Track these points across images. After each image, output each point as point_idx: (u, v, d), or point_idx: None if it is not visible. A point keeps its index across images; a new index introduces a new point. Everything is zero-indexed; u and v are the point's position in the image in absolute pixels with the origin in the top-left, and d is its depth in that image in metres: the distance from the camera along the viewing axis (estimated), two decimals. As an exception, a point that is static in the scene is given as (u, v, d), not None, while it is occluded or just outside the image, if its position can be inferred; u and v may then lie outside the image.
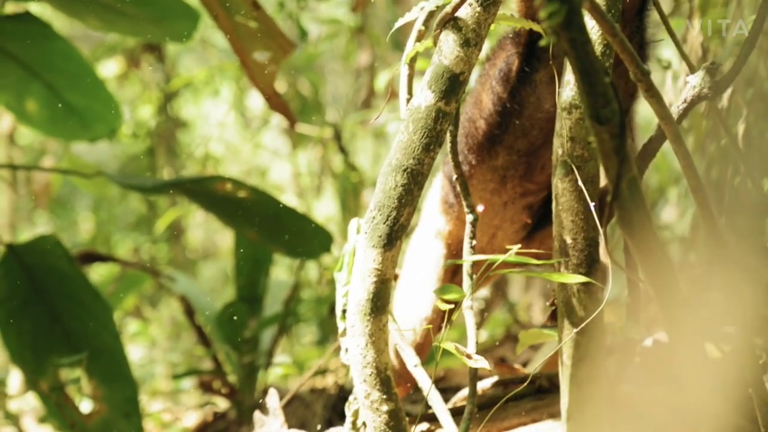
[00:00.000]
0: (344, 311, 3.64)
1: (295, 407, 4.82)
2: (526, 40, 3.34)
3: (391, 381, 3.09)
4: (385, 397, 3.08)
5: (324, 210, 8.13)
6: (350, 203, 6.46)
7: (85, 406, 4.88)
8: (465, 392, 3.79)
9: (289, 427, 3.87)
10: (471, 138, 3.50)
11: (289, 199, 7.63)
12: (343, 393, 5.04)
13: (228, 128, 8.75)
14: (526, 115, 3.44)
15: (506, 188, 3.49)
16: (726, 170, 6.73)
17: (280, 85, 7.23)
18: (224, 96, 8.35)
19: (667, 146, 2.85)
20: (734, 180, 6.83)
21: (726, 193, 6.76)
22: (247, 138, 9.01)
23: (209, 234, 10.86)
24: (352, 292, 3.07)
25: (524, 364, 4.12)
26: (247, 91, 8.45)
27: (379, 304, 3.03)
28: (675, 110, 2.88)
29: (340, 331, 3.68)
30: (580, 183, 2.94)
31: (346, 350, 3.65)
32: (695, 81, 2.90)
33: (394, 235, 2.98)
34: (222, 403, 5.89)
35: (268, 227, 4.95)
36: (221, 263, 10.46)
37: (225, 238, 10.78)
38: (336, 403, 5.03)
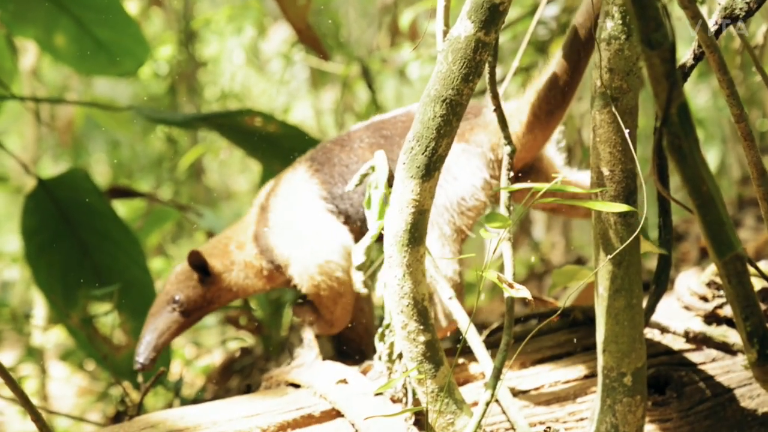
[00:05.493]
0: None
1: (322, 342, 4.83)
2: None
3: (428, 312, 3.10)
4: (422, 327, 3.09)
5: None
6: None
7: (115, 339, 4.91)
8: (492, 328, 3.79)
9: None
10: None
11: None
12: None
13: (247, 69, 8.73)
14: None
15: None
16: (753, 112, 6.72)
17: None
18: (245, 36, 8.32)
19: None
20: (759, 121, 6.82)
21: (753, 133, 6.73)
22: (266, 79, 8.99)
23: (223, 177, 10.88)
24: (390, 222, 3.07)
25: (555, 299, 4.12)
26: (267, 31, 8.42)
27: (417, 235, 3.03)
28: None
29: (375, 265, 3.70)
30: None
31: (385, 285, 3.68)
32: (726, 1, 2.86)
33: (433, 165, 2.97)
34: (249, 339, 5.92)
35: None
36: (235, 206, 10.49)
37: (239, 181, 10.81)
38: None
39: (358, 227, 3.84)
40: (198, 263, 3.87)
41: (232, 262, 3.93)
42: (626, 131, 2.91)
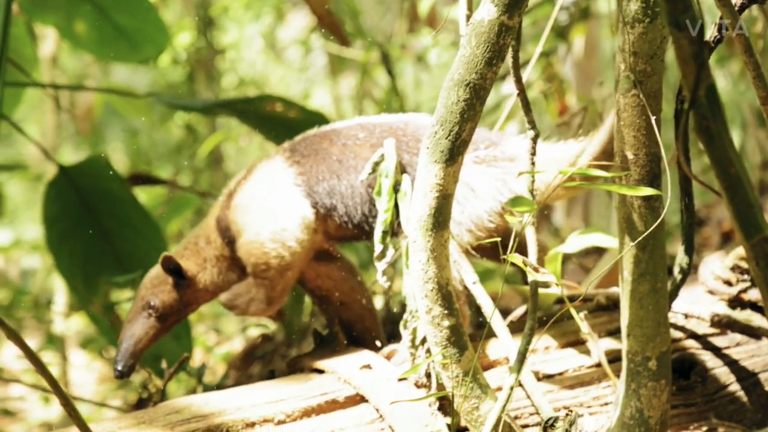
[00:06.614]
0: (384, 233, 3.65)
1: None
2: None
3: (453, 296, 3.10)
4: (446, 312, 3.09)
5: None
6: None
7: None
8: (516, 313, 3.78)
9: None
10: None
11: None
12: (390, 315, 5.05)
13: (265, 56, 8.73)
14: None
15: None
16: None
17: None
18: (263, 23, 8.32)
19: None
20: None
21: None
22: (285, 66, 8.99)
23: (242, 165, 10.89)
24: (414, 207, 3.07)
25: (578, 283, 4.12)
26: (286, 18, 8.42)
27: (441, 219, 3.03)
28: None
29: (377, 253, 3.68)
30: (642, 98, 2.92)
31: (382, 273, 3.67)
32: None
33: (456, 150, 2.97)
34: (270, 326, 5.92)
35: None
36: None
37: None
38: (384, 324, 5.04)
39: (342, 224, 3.81)
40: (171, 267, 3.80)
41: (205, 259, 3.88)
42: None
